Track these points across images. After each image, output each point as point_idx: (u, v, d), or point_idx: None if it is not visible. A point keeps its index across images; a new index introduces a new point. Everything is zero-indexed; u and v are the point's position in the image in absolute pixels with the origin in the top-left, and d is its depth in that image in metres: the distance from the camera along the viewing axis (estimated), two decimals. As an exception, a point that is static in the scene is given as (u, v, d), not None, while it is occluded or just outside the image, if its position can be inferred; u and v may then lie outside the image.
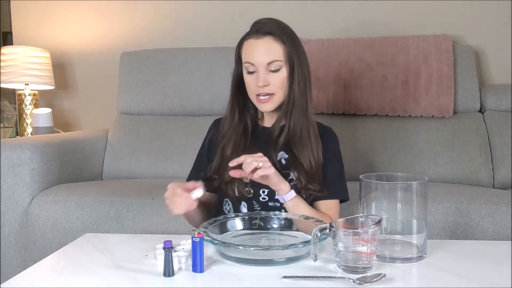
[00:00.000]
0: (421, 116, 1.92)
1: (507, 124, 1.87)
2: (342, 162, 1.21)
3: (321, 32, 2.08)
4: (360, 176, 0.88)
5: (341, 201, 1.19)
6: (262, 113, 1.22)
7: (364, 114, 1.96)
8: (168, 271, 0.77)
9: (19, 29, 2.43)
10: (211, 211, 1.19)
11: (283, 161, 1.15)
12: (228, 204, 1.16)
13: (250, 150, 1.10)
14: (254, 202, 1.12)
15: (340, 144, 1.23)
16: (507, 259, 0.85)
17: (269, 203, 1.12)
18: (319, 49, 1.95)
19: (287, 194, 1.05)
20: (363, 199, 0.88)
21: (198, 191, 0.95)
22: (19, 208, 1.50)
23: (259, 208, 1.12)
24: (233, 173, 1.01)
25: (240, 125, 1.18)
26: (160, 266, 0.80)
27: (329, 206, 1.14)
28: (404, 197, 0.84)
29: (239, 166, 1.01)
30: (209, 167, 1.18)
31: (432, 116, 1.91)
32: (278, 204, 1.12)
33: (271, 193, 1.12)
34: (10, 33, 2.46)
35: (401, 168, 1.80)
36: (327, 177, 1.15)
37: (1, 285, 0.75)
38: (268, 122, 1.22)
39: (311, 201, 1.14)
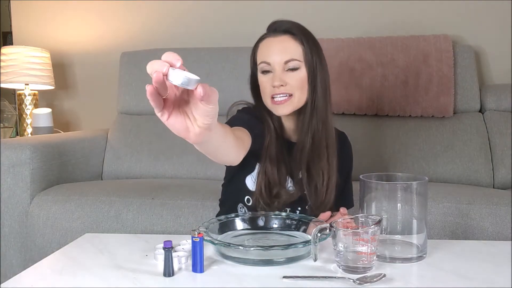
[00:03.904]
0: (421, 116, 1.92)
1: (507, 124, 1.87)
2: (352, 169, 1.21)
3: (321, 32, 2.06)
4: (360, 176, 0.88)
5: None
6: (281, 122, 1.11)
7: (365, 114, 1.96)
8: (168, 271, 0.77)
9: (19, 29, 2.43)
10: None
11: (304, 179, 1.09)
12: (245, 211, 1.11)
13: (287, 165, 1.06)
14: None
15: None
16: (507, 259, 0.85)
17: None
18: (319, 49, 1.95)
19: None
20: (363, 199, 0.88)
21: (187, 75, 0.57)
22: (19, 208, 1.50)
23: None
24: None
25: (276, 136, 1.08)
26: (160, 266, 0.80)
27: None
28: (404, 197, 0.84)
29: None
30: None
31: (432, 116, 1.91)
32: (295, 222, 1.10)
33: (293, 212, 1.10)
34: (10, 33, 2.46)
35: (401, 168, 1.80)
36: (343, 188, 1.13)
37: (1, 285, 0.75)
38: (287, 134, 1.12)
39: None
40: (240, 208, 1.13)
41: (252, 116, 1.09)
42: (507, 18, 2.12)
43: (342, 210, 0.98)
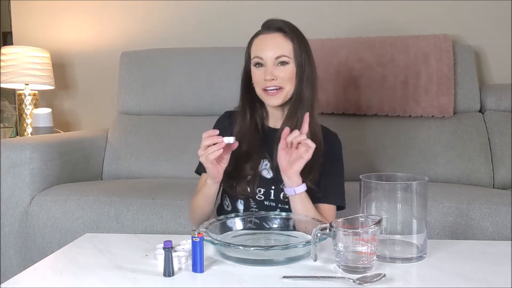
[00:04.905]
0: (421, 116, 1.92)
1: (507, 124, 1.87)
2: (343, 170, 1.21)
3: (320, 32, 2.08)
4: (360, 176, 0.88)
5: (338, 208, 1.17)
6: (267, 112, 1.22)
7: (364, 114, 1.96)
8: (168, 271, 0.77)
9: (19, 29, 2.43)
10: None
11: None
12: (227, 200, 1.18)
13: (262, 148, 1.15)
14: (251, 200, 1.14)
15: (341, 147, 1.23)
16: (507, 259, 0.85)
17: (265, 202, 1.13)
18: (319, 49, 1.95)
19: (298, 187, 1.05)
20: (363, 199, 0.88)
21: (230, 138, 0.98)
22: (19, 208, 1.50)
23: (255, 206, 1.14)
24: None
25: (251, 123, 1.18)
26: (160, 266, 0.80)
27: (325, 210, 1.13)
28: (404, 197, 0.84)
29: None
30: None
31: (432, 116, 1.91)
32: (274, 204, 1.13)
33: (267, 193, 1.13)
34: (10, 33, 2.46)
35: (401, 168, 1.79)
36: (326, 181, 1.15)
37: (1, 285, 0.75)
38: (272, 121, 1.22)
39: None
40: (224, 199, 1.20)
41: (217, 124, 1.25)
42: (507, 18, 2.12)
43: (306, 117, 1.05)
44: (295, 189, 1.04)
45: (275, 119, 1.21)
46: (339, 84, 1.93)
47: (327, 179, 1.15)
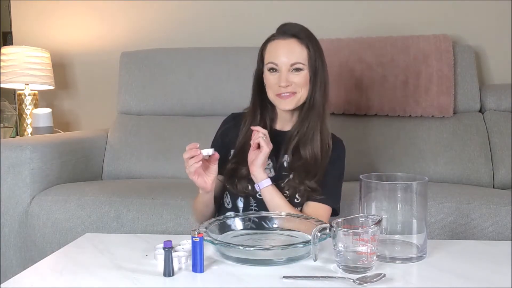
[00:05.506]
0: (421, 116, 1.92)
1: (507, 124, 1.87)
2: (342, 175, 1.21)
3: (321, 32, 2.06)
4: (360, 176, 0.88)
5: (332, 213, 1.17)
6: (276, 114, 1.22)
7: (364, 114, 1.96)
8: (168, 271, 0.77)
9: (19, 29, 2.43)
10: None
11: (285, 164, 1.16)
12: (228, 197, 1.18)
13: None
14: (251, 198, 1.15)
15: None
16: (507, 259, 0.85)
17: None
18: (319, 49, 1.95)
19: (262, 182, 1.08)
20: (363, 199, 0.88)
21: (208, 150, 1.01)
22: (19, 208, 1.50)
23: (255, 204, 1.14)
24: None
25: (260, 124, 1.19)
26: (160, 266, 0.80)
27: (319, 208, 1.13)
28: (404, 197, 0.84)
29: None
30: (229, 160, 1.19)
31: (432, 116, 1.91)
32: None
33: None
34: (10, 33, 2.46)
35: (401, 168, 1.79)
36: (324, 182, 1.15)
37: (1, 285, 0.75)
38: (279, 124, 1.23)
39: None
40: (225, 196, 1.19)
41: (222, 125, 1.27)
42: (507, 18, 2.12)
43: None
44: (259, 184, 1.09)
45: (283, 122, 1.22)
46: (340, 84, 1.93)
47: (327, 181, 1.16)
